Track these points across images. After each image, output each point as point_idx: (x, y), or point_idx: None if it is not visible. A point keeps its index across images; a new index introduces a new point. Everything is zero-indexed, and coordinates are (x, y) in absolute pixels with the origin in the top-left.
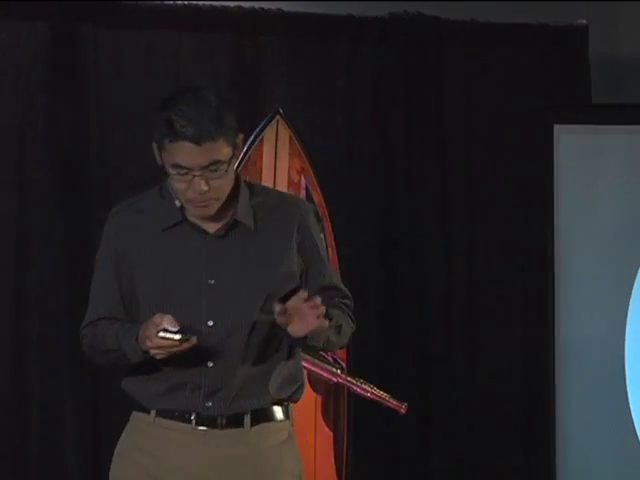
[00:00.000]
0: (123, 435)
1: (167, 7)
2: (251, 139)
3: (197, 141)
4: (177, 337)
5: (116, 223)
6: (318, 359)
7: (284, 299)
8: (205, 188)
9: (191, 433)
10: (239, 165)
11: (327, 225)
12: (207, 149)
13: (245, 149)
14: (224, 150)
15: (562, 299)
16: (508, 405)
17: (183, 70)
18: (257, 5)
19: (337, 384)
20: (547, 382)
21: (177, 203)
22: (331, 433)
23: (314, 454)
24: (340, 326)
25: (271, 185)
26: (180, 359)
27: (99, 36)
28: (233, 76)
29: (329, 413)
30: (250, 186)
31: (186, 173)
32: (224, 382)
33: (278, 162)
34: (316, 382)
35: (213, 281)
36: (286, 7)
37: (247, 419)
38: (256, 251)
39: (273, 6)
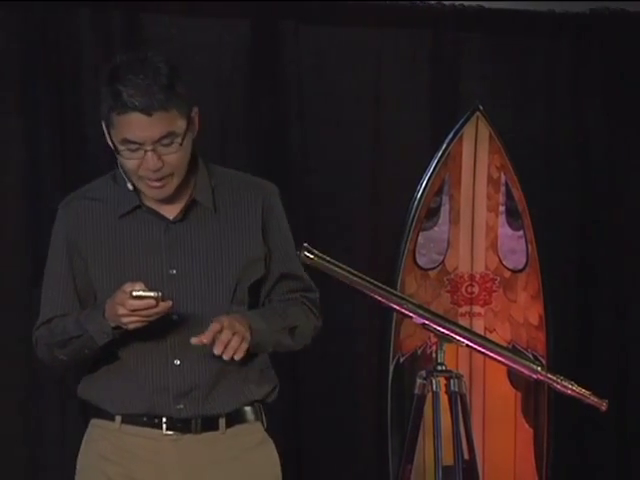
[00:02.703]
0: (83, 446)
1: (369, 5)
2: (450, 136)
3: (147, 111)
4: (152, 294)
5: (67, 213)
6: (519, 356)
7: (252, 289)
8: (159, 165)
9: (162, 439)
10: (438, 162)
11: (527, 222)
12: (159, 120)
13: (445, 146)
14: (178, 122)
15: None
16: None
17: (384, 67)
18: (457, 2)
19: (537, 381)
20: None
21: (129, 186)
22: (531, 430)
23: (514, 451)
24: (295, 327)
25: (471, 182)
26: (144, 357)
27: (300, 33)
28: (433, 73)
29: (529, 410)
30: (208, 166)
31: (137, 149)
32: (194, 382)
33: (478, 159)
34: (516, 379)
35: (174, 271)
36: (487, 4)
37: (222, 422)
38: (219, 236)
39: (474, 3)
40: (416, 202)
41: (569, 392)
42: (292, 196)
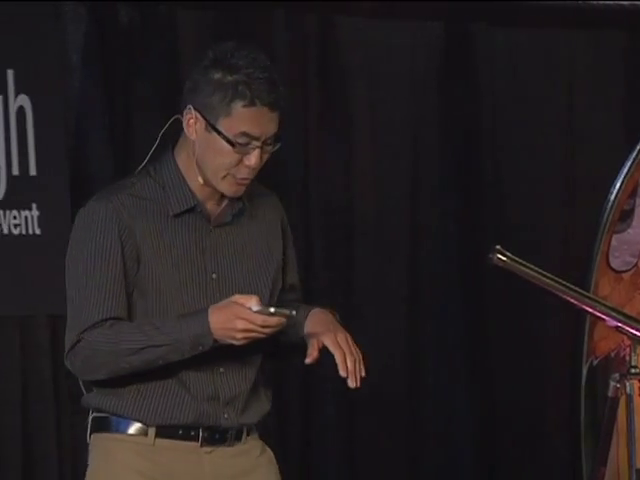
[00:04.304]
0: (103, 463)
1: (561, 5)
2: None
3: (273, 107)
4: (288, 311)
5: (116, 206)
6: None
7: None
8: (260, 163)
9: (197, 452)
10: (632, 163)
11: None
12: (276, 118)
13: (639, 147)
14: (279, 123)
15: None
16: None
17: (577, 68)
18: None
19: None
20: None
21: (200, 180)
22: None
23: None
24: None
25: None
26: (192, 364)
27: (493, 35)
28: (628, 75)
29: None
30: None
31: (247, 144)
32: (237, 390)
33: None
34: None
35: (215, 275)
36: None
37: (245, 431)
38: (255, 242)
39: None
40: (609, 204)
41: None
42: (485, 197)
